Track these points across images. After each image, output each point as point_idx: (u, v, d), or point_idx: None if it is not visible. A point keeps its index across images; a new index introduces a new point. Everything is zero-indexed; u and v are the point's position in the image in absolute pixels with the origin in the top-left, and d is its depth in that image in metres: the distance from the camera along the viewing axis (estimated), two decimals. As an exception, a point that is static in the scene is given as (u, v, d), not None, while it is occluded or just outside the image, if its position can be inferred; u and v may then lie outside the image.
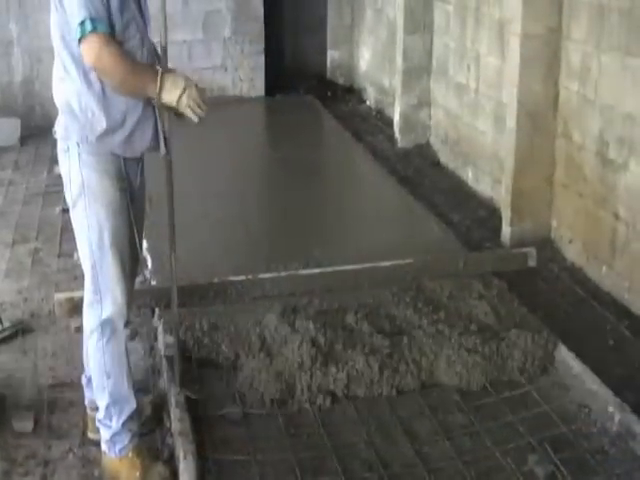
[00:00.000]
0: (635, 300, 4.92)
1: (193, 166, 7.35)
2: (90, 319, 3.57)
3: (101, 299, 3.51)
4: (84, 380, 3.89)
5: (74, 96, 3.39)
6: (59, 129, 3.48)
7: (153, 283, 5.18)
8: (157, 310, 4.85)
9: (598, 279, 5.25)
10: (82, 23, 3.20)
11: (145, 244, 5.59)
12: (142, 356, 4.56)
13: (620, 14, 4.94)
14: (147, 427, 3.92)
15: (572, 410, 4.02)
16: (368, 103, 9.62)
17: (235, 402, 4.10)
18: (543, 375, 4.30)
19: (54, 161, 5.62)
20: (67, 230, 5.69)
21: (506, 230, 5.86)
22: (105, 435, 3.63)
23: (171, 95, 3.37)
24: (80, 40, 3.23)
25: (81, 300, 3.70)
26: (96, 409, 3.83)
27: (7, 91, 8.93)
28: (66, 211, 4.80)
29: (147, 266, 5.42)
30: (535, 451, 3.73)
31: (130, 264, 3.59)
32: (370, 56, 9.66)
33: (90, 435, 3.90)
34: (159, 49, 3.54)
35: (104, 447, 3.65)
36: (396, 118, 8.11)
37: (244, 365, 4.31)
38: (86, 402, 3.93)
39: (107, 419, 3.60)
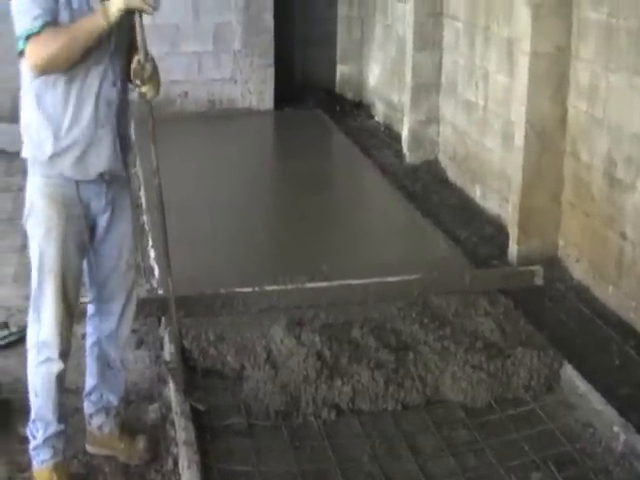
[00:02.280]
0: (641, 320, 4.93)
1: (202, 177, 7.40)
2: (30, 335, 3.56)
3: (39, 319, 3.49)
4: (85, 390, 3.88)
5: (29, 115, 3.38)
6: (23, 149, 3.44)
7: (160, 292, 5.18)
8: (163, 319, 4.85)
9: (604, 298, 5.25)
10: (18, 38, 3.19)
11: (152, 254, 5.65)
12: (148, 364, 4.57)
13: (628, 34, 4.96)
14: (152, 436, 3.94)
15: (577, 429, 4.02)
16: (377, 118, 9.64)
17: (240, 413, 4.11)
18: (548, 393, 4.30)
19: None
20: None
21: (513, 248, 5.86)
22: (31, 444, 3.62)
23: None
24: (21, 54, 3.22)
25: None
26: (90, 423, 3.87)
27: (18, 97, 8.94)
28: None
29: (154, 275, 5.44)
30: (539, 469, 3.73)
31: (76, 292, 3.53)
32: (379, 72, 9.69)
33: (87, 448, 3.88)
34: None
35: (31, 454, 3.64)
36: (404, 134, 8.13)
37: (249, 376, 4.32)
38: (85, 412, 3.90)
39: (34, 430, 3.60)
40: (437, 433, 4.02)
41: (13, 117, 8.49)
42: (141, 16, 3.35)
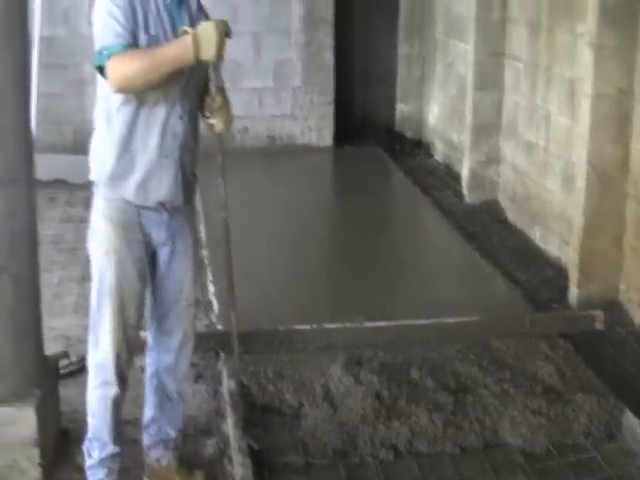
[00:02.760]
0: None
1: (260, 213, 7.44)
2: (89, 358, 3.60)
3: (97, 342, 3.53)
4: (144, 422, 3.90)
5: (98, 135, 3.44)
6: (90, 170, 3.49)
7: (219, 327, 5.21)
8: (222, 354, 4.88)
9: (666, 345, 5.18)
10: (99, 52, 3.22)
11: (211, 288, 5.69)
12: (206, 398, 4.58)
13: (695, 79, 4.93)
14: (209, 471, 3.94)
15: (638, 477, 3.96)
16: (436, 158, 9.63)
17: (297, 451, 4.10)
18: (609, 441, 4.23)
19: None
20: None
21: (573, 291, 5.80)
22: (87, 463, 3.65)
23: (210, 46, 3.18)
24: (100, 70, 3.26)
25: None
26: (148, 455, 3.88)
27: (80, 129, 9.08)
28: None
29: (213, 310, 5.47)
30: (599, 517, 3.69)
31: (136, 318, 3.55)
32: (439, 111, 9.70)
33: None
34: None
35: (87, 473, 3.67)
36: (464, 174, 8.12)
37: (307, 414, 4.32)
38: (143, 444, 3.92)
39: (91, 449, 3.63)
40: (495, 478, 3.97)
41: (75, 149, 8.69)
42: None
